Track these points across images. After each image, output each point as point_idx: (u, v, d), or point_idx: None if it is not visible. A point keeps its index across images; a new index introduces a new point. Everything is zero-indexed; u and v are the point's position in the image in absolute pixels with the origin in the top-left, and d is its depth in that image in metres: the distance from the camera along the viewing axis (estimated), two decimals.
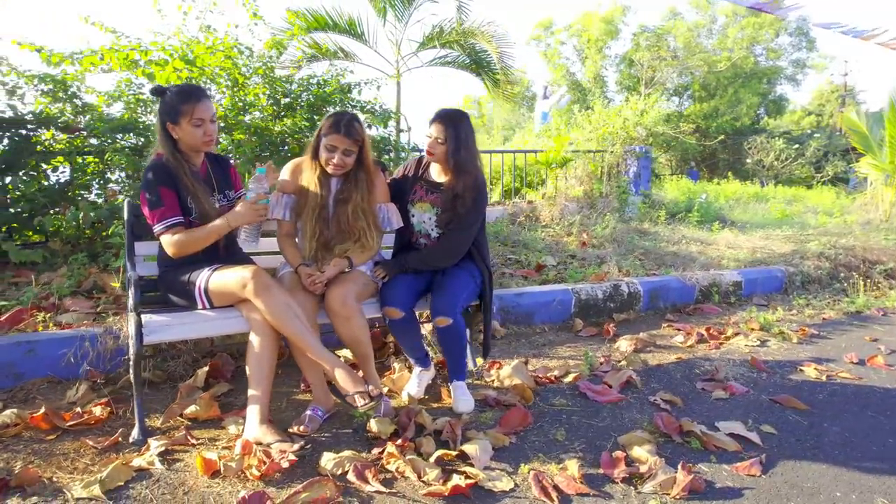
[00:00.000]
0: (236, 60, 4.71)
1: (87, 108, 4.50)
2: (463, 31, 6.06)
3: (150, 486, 1.91)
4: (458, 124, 2.53)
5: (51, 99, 4.42)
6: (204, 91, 2.34)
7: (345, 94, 5.26)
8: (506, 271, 4.82)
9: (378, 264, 2.60)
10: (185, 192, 2.29)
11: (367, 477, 1.96)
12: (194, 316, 2.28)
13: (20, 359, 2.51)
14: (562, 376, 2.97)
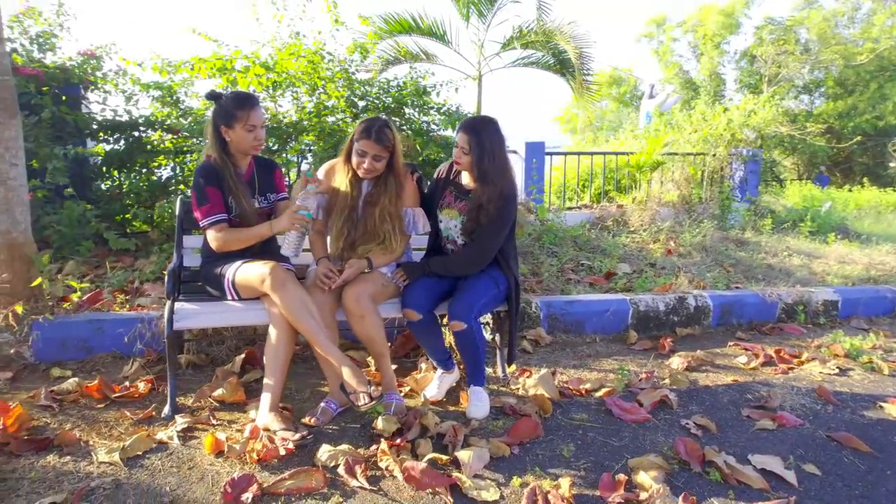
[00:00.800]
0: (317, 65, 4.96)
1: (188, 112, 4.95)
2: (543, 31, 5.95)
3: (163, 458, 2.10)
4: (483, 133, 2.51)
5: (160, 104, 4.91)
6: (257, 99, 2.51)
7: (420, 97, 5.36)
8: (572, 277, 4.69)
9: (400, 266, 2.65)
10: (228, 192, 2.48)
11: (355, 472, 2.02)
12: (223, 306, 2.46)
13: (91, 335, 2.85)
14: (594, 390, 2.85)
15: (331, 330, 2.44)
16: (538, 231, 6.08)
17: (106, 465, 2.03)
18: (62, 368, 2.75)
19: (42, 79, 4.48)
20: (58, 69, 4.64)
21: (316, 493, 1.93)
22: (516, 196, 2.60)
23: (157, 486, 1.93)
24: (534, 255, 5.35)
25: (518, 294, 2.66)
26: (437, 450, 2.20)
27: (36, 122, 4.27)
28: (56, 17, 5.04)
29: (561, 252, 5.51)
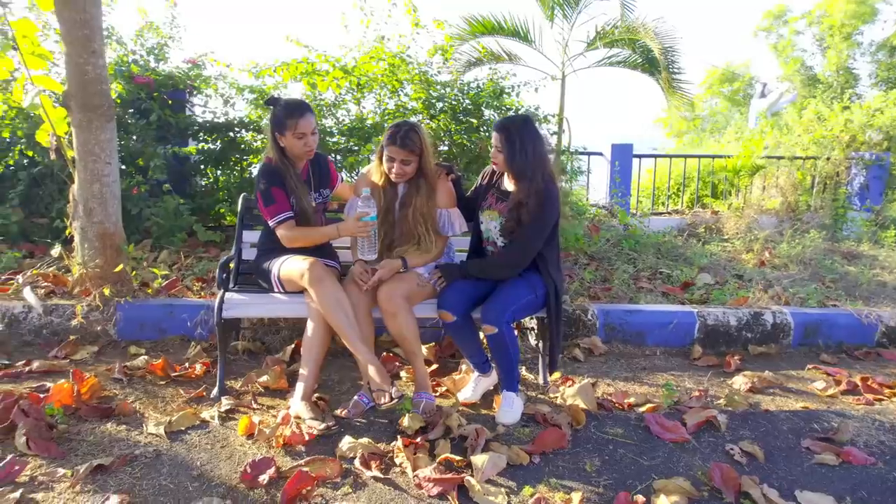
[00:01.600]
0: (396, 68, 5.10)
1: None
2: (626, 29, 5.70)
3: (202, 435, 2.28)
4: (514, 131, 2.49)
5: (254, 106, 5.28)
6: (307, 106, 2.65)
7: (496, 98, 5.36)
8: (644, 286, 4.50)
9: (438, 268, 2.68)
10: (289, 191, 2.64)
11: (370, 465, 2.09)
12: (269, 298, 2.63)
13: (164, 318, 3.14)
14: (638, 404, 2.72)
15: (365, 327, 2.52)
16: (618, 236, 5.87)
17: (152, 437, 2.24)
18: (138, 347, 3.06)
19: (152, 85, 4.96)
20: (166, 76, 5.12)
21: (329, 482, 2.01)
22: (556, 197, 2.54)
23: (190, 460, 2.10)
24: (609, 261, 5.17)
25: (559, 301, 2.60)
26: (457, 451, 2.21)
27: (145, 125, 4.75)
28: (169, 29, 5.57)
29: (639, 259, 5.29)
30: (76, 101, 3.00)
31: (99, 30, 3.01)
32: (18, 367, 2.76)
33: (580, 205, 6.29)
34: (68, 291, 3.24)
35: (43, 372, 2.72)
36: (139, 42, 5.36)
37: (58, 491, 1.90)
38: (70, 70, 2.98)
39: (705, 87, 20.69)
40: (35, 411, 2.20)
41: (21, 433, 2.11)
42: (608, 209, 6.80)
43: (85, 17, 2.94)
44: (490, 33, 6.38)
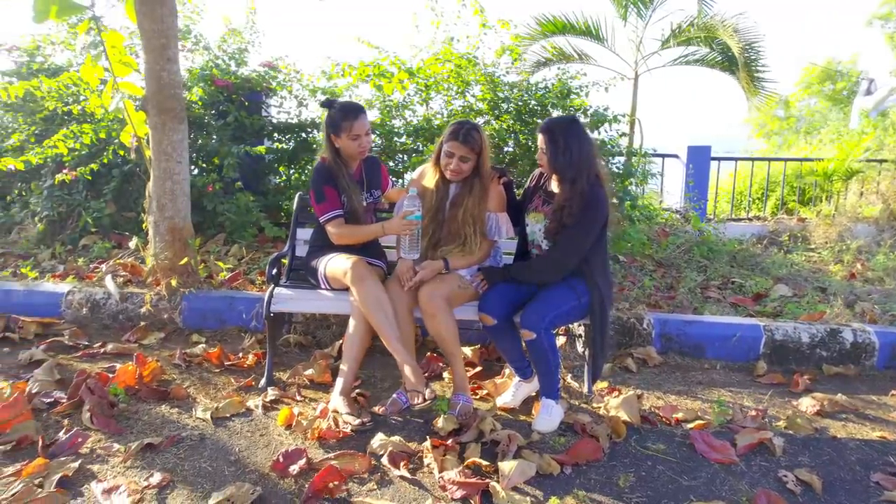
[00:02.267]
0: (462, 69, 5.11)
1: None
2: (704, 26, 5.41)
3: (245, 422, 2.39)
4: (557, 132, 2.44)
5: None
6: (361, 109, 2.72)
7: (562, 98, 5.25)
8: (713, 295, 4.28)
9: (481, 270, 2.67)
10: (341, 190, 2.73)
11: (398, 463, 2.11)
12: (315, 294, 2.71)
13: (225, 309, 3.32)
14: (686, 420, 2.59)
15: (406, 326, 2.55)
16: (690, 242, 5.61)
17: (200, 421, 2.37)
18: (200, 335, 3.25)
19: (231, 88, 5.24)
20: (243, 79, 5.39)
21: (356, 477, 2.05)
22: (601, 199, 2.46)
23: (230, 446, 2.21)
24: (677, 268, 4.96)
25: (604, 309, 2.52)
26: (488, 456, 2.19)
27: (222, 125, 5.04)
28: (249, 35, 5.87)
29: (711, 267, 5.04)
30: (152, 105, 3.23)
31: (174, 39, 3.23)
32: (95, 348, 3.02)
33: (650, 209, 6.06)
34: (143, 281, 3.50)
35: (115, 354, 2.95)
36: (222, 48, 5.68)
37: (111, 464, 2.05)
38: (148, 76, 3.21)
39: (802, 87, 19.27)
40: (100, 390, 2.39)
41: (86, 409, 2.30)
42: (681, 214, 6.51)
43: (162, 28, 3.16)
44: (561, 32, 6.28)
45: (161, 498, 1.89)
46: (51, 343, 3.00)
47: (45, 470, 1.96)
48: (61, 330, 3.18)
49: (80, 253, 4.39)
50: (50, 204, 4.63)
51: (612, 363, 3.22)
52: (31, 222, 4.68)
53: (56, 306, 3.34)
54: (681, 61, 6.15)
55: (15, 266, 4.04)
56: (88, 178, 4.47)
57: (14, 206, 4.94)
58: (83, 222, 4.61)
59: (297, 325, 3.28)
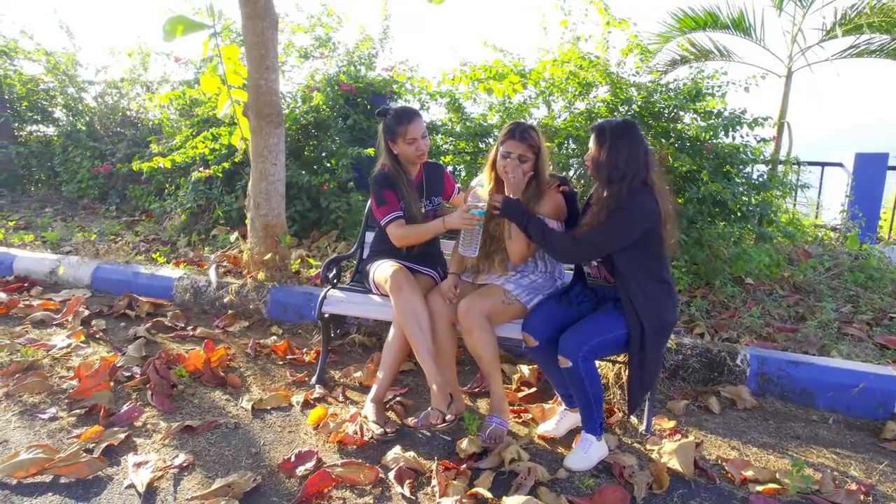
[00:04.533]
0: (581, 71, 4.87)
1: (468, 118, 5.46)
2: (881, 10, 4.50)
3: (280, 417, 2.50)
4: (607, 133, 2.21)
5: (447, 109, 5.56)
6: (416, 112, 2.72)
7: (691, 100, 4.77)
8: (852, 332, 3.62)
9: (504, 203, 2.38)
10: (400, 196, 2.75)
11: (403, 480, 2.06)
12: (365, 298, 2.75)
13: (304, 304, 3.50)
14: (756, 481, 2.20)
15: (446, 340, 2.48)
16: (845, 265, 4.81)
17: (241, 410, 2.53)
18: (279, 327, 3.47)
19: (354, 92, 5.54)
20: (367, 84, 5.66)
21: (357, 487, 2.04)
22: (641, 207, 2.16)
23: (257, 437, 2.32)
24: (818, 296, 4.28)
25: (645, 342, 2.22)
26: (501, 487, 2.06)
27: (342, 128, 5.34)
28: (380, 41, 6.16)
29: (865, 297, 4.26)
30: (252, 110, 3.51)
31: (273, 49, 3.47)
32: (188, 330, 3.36)
33: (796, 226, 5.27)
34: (241, 272, 3.83)
35: (201, 338, 3.26)
36: (356, 54, 6.01)
37: (153, 439, 2.27)
38: (249, 84, 3.49)
39: None
40: (164, 370, 2.65)
41: (149, 387, 2.57)
42: (840, 232, 5.58)
43: (262, 40, 3.42)
44: (701, 28, 5.71)
45: (178, 478, 2.04)
46: (154, 323, 3.41)
47: (100, 437, 2.22)
48: (168, 311, 3.59)
49: (209, 242, 4.93)
50: (193, 197, 5.26)
51: (691, 401, 2.85)
52: (177, 213, 5.36)
53: (170, 289, 3.78)
54: (850, 53, 5.23)
55: (156, 251, 4.65)
56: (220, 175, 5.00)
57: (168, 198, 5.69)
58: (216, 215, 5.18)
59: (363, 326, 3.36)
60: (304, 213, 5.22)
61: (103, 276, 3.97)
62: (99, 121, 7.11)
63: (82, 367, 2.66)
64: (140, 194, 6.20)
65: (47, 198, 6.86)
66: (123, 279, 3.90)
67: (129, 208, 6.32)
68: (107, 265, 4.04)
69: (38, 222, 5.76)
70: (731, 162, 4.59)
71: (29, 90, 7.29)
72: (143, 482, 1.97)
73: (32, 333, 3.18)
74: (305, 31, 6.09)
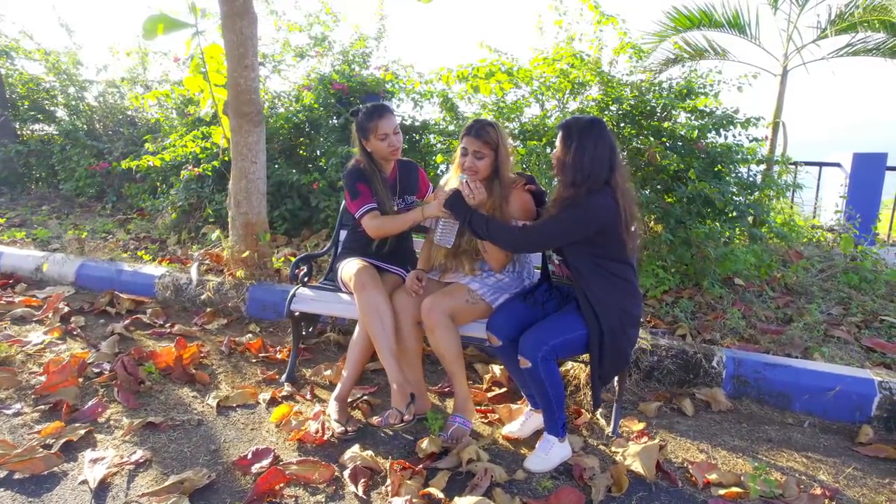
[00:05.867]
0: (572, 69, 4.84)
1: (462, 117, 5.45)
2: (875, 8, 4.43)
3: (245, 414, 2.49)
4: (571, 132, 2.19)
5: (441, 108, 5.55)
6: (387, 108, 2.70)
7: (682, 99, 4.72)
8: (839, 334, 3.56)
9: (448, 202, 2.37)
10: (374, 192, 2.73)
11: (357, 480, 2.04)
12: (334, 297, 2.74)
13: (281, 302, 3.45)
14: (719, 484, 2.16)
15: (411, 340, 2.46)
16: (839, 267, 4.74)
17: (206, 407, 2.53)
18: (257, 325, 3.47)
19: (346, 91, 5.53)
20: (359, 83, 5.65)
21: (310, 486, 2.03)
22: (596, 206, 2.13)
23: (217, 435, 2.32)
24: (809, 297, 4.23)
25: (602, 343, 2.19)
26: (457, 488, 2.04)
27: (332, 127, 5.34)
28: (375, 40, 6.16)
29: (857, 299, 4.19)
30: (232, 109, 3.52)
31: (252, 47, 3.48)
32: (166, 328, 3.37)
33: (789, 227, 5.19)
34: (221, 270, 3.83)
35: (179, 335, 3.26)
36: (350, 52, 6.01)
37: (114, 435, 2.27)
38: (229, 82, 3.50)
39: None
40: (132, 367, 2.66)
41: (115, 384, 2.57)
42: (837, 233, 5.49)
43: (241, 38, 3.42)
44: (696, 26, 5.64)
45: (132, 474, 2.04)
46: (133, 320, 3.42)
47: (60, 433, 2.23)
48: (148, 308, 3.61)
49: (198, 240, 4.95)
50: (184, 195, 5.29)
51: (664, 403, 2.81)
52: (168, 211, 5.39)
53: (152, 287, 3.80)
54: (846, 52, 5.15)
55: (144, 248, 4.68)
56: (210, 173, 5.02)
57: (160, 196, 5.72)
58: (206, 213, 5.20)
59: (338, 325, 3.35)
60: (295, 212, 5.23)
61: (87, 274, 3.99)
62: (99, 120, 7.17)
63: (51, 363, 2.68)
64: (135, 193, 6.24)
65: (46, 196, 6.93)
66: (107, 276, 3.92)
67: (124, 206, 6.37)
68: (91, 262, 4.07)
69: (32, 220, 5.82)
70: (722, 161, 4.54)
71: (30, 89, 7.38)
72: (96, 478, 1.97)
73: (10, 330, 3.21)
74: (301, 30, 6.10)
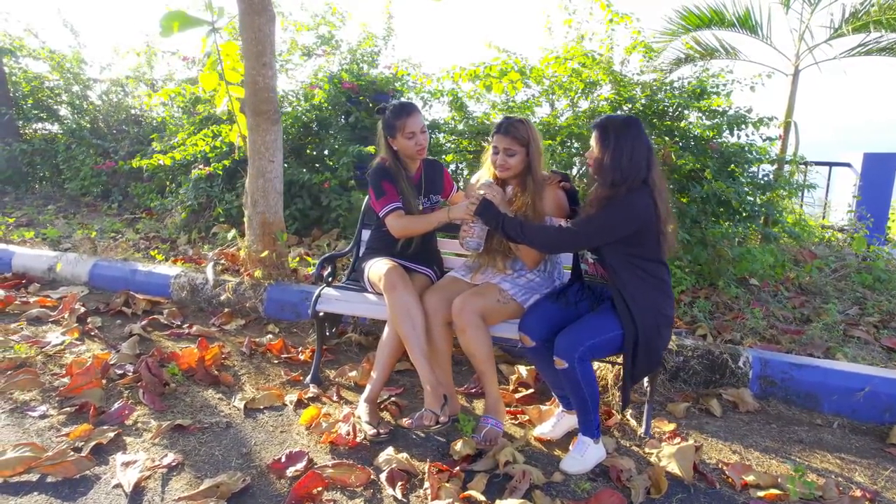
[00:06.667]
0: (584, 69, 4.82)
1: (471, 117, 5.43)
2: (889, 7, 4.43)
3: (273, 416, 2.46)
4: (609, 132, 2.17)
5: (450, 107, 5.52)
6: (414, 107, 2.68)
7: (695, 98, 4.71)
8: (858, 334, 3.55)
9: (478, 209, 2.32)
10: (399, 192, 2.70)
11: (395, 483, 2.02)
12: (360, 297, 2.71)
13: (299, 303, 3.47)
14: (758, 486, 2.14)
15: (441, 340, 2.43)
16: (852, 267, 4.74)
17: (233, 409, 2.49)
18: (276, 325, 3.43)
19: (356, 90, 5.50)
20: (369, 81, 5.62)
21: (348, 489, 2.00)
22: (635, 205, 2.11)
23: (248, 438, 2.28)
24: (824, 297, 4.22)
25: (637, 339, 2.17)
26: (495, 491, 2.01)
27: (343, 126, 5.31)
28: (383, 39, 6.12)
29: (872, 299, 4.19)
30: (249, 107, 3.48)
31: (270, 46, 3.44)
32: (183, 328, 3.33)
33: (802, 226, 5.19)
34: (238, 270, 3.80)
35: (197, 335, 3.22)
36: (358, 51, 5.97)
37: (143, 438, 2.24)
38: (246, 80, 3.46)
39: None
40: (156, 368, 2.62)
41: (140, 385, 2.54)
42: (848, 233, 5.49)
43: (259, 36, 3.38)
44: (706, 25, 5.63)
45: (166, 478, 2.01)
46: (151, 321, 3.38)
47: (89, 435, 2.19)
48: (164, 308, 3.57)
49: (209, 240, 4.90)
50: (193, 195, 5.24)
51: (692, 403, 2.79)
52: (178, 210, 5.34)
53: (167, 287, 3.76)
54: (860, 51, 5.14)
55: (156, 248, 4.63)
56: (220, 172, 4.98)
57: (169, 195, 5.67)
58: (216, 212, 5.16)
59: (360, 325, 3.32)
60: (305, 212, 5.19)
61: (101, 274, 3.95)
62: (103, 119, 7.11)
63: (74, 364, 2.63)
64: (142, 192, 6.19)
65: (51, 195, 6.87)
66: (121, 276, 3.88)
67: (131, 206, 6.31)
68: (104, 262, 4.02)
69: (39, 219, 5.77)
70: (735, 161, 4.53)
71: (34, 88, 7.31)
72: (130, 482, 1.93)
73: (27, 330, 3.16)
74: (308, 29, 6.06)
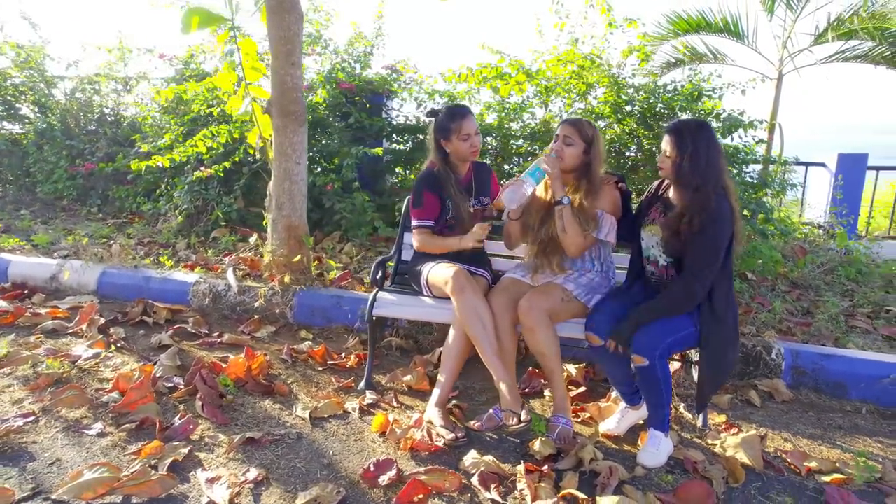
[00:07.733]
0: (584, 71, 4.90)
1: None
2: (872, 15, 4.73)
3: (341, 425, 2.42)
4: (686, 134, 2.22)
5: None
6: (468, 109, 2.71)
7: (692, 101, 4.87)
8: (860, 325, 3.76)
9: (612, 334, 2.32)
10: (448, 196, 2.71)
11: (489, 485, 2.02)
12: (418, 301, 2.70)
13: (332, 308, 3.41)
14: (820, 472, 2.26)
15: (507, 341, 2.45)
16: (834, 262, 5.00)
17: (298, 419, 2.44)
18: (308, 331, 3.36)
19: (354, 90, 5.42)
20: (366, 82, 5.55)
21: (445, 495, 1.99)
22: (728, 214, 2.20)
23: (325, 448, 2.24)
24: (816, 291, 4.45)
25: (718, 340, 2.25)
26: (585, 488, 2.05)
27: (343, 126, 5.23)
28: (374, 39, 6.04)
29: (859, 292, 4.45)
30: (276, 108, 3.39)
31: (299, 45, 3.37)
32: (213, 337, 3.22)
33: (787, 223, 5.47)
34: (260, 275, 3.70)
35: (229, 344, 3.13)
36: (349, 51, 5.88)
37: (216, 453, 2.16)
38: (274, 80, 3.37)
39: None
40: (211, 380, 2.53)
41: (198, 398, 2.45)
42: (825, 229, 5.81)
43: (288, 35, 3.31)
44: (694, 31, 5.85)
45: (256, 493, 1.95)
46: (177, 329, 3.25)
47: (161, 453, 2.10)
48: (187, 317, 3.44)
49: (210, 244, 4.75)
50: (189, 198, 5.05)
51: (733, 395, 2.91)
52: (173, 214, 5.14)
53: (185, 294, 3.62)
54: (838, 58, 5.45)
55: (157, 254, 4.45)
56: (220, 175, 4.82)
57: (161, 199, 5.45)
58: (215, 216, 4.99)
59: (399, 329, 3.29)
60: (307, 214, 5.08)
61: (110, 282, 3.76)
62: (73, 118, 6.75)
63: (121, 378, 2.52)
64: (125, 195, 5.92)
65: (20, 199, 6.47)
66: (133, 284, 3.71)
67: (112, 209, 6.02)
68: (113, 270, 3.83)
69: (16, 225, 5.43)
70: (731, 162, 4.72)
71: None
72: (223, 499, 1.87)
73: (48, 344, 2.99)
74: None
